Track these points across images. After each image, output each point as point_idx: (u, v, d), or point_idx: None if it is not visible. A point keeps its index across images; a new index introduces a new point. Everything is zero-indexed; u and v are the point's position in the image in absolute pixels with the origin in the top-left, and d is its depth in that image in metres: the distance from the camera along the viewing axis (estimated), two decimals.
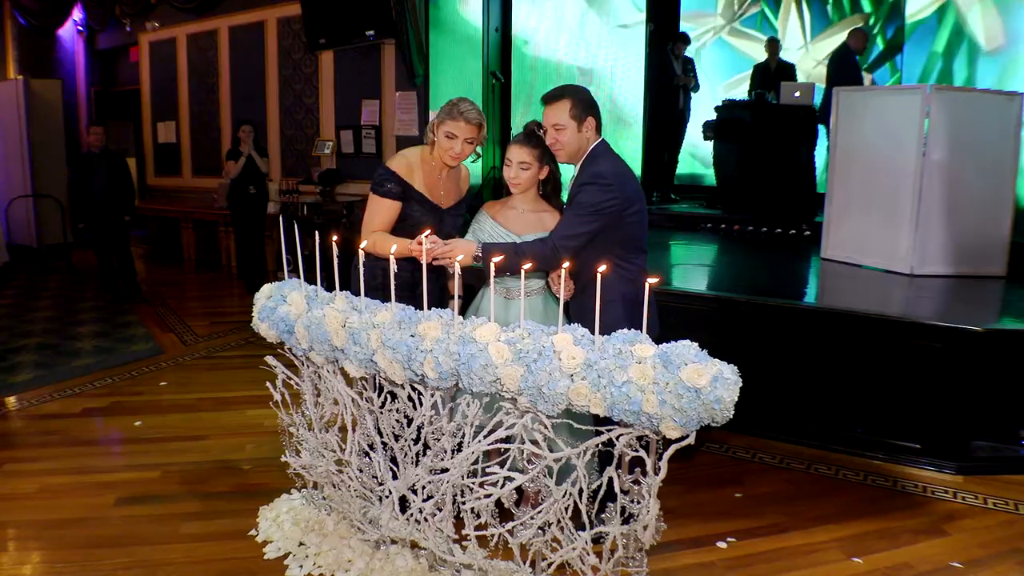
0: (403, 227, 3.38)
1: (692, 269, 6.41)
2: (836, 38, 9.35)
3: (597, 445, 2.50)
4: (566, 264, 2.91)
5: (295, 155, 9.70)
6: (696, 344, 2.36)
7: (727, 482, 4.08)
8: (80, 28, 12.29)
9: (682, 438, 2.33)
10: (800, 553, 3.40)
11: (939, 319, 4.38)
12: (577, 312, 3.24)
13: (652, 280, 2.42)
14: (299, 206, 8.76)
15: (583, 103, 3.21)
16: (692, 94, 9.74)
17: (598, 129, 3.27)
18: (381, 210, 3.36)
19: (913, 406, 4.32)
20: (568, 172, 3.42)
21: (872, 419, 4.43)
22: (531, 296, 3.46)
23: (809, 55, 10.01)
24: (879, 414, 4.41)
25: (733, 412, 2.29)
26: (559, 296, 3.17)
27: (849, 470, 4.25)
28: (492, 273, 2.67)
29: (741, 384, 2.30)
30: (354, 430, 3.10)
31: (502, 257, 2.90)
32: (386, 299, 2.91)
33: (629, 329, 2.47)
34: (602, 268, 2.43)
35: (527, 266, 2.68)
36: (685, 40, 9.56)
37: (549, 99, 3.24)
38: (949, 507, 3.87)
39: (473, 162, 3.61)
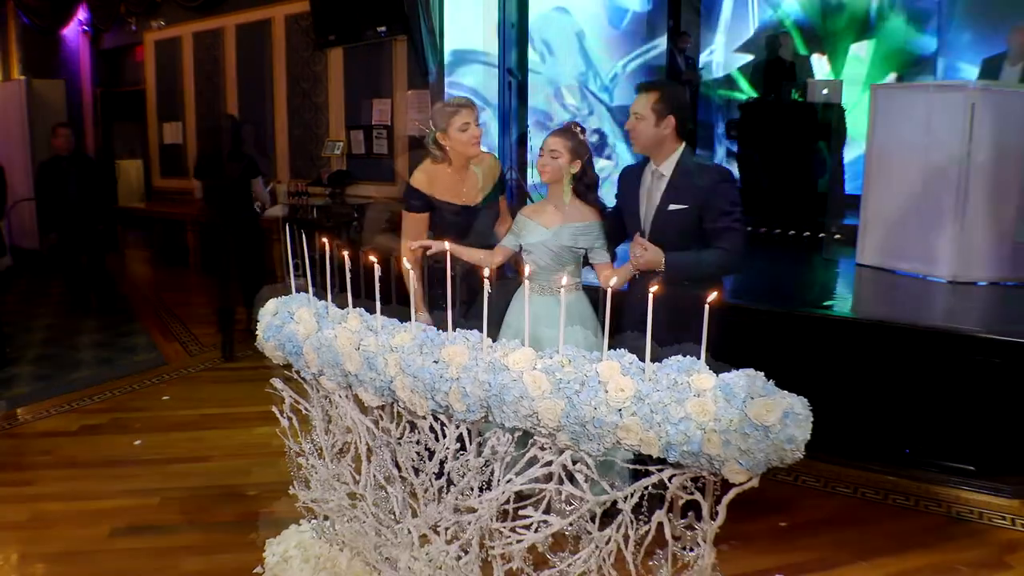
0: (438, 233, 3.58)
1: None
2: None
3: (646, 487, 2.21)
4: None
5: (304, 156, 9.44)
6: (762, 373, 2.07)
7: (771, 509, 3.79)
8: (85, 27, 12.07)
9: (745, 481, 2.05)
10: None
11: (995, 332, 4.10)
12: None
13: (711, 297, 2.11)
14: (308, 208, 8.51)
15: (669, 100, 3.21)
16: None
17: (678, 131, 3.25)
18: (412, 224, 3.64)
19: (965, 425, 4.05)
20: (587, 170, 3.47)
21: (921, 439, 4.16)
22: (569, 292, 3.38)
23: None
24: (928, 433, 4.15)
25: (804, 453, 2.01)
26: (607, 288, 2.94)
27: (898, 494, 3.96)
28: (526, 274, 2.53)
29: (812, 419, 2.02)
30: (369, 460, 2.82)
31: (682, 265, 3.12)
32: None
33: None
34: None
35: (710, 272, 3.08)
36: (687, 35, 9.30)
37: (642, 88, 3.30)
38: (1008, 536, 3.60)
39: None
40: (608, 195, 3.71)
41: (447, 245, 2.92)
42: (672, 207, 3.21)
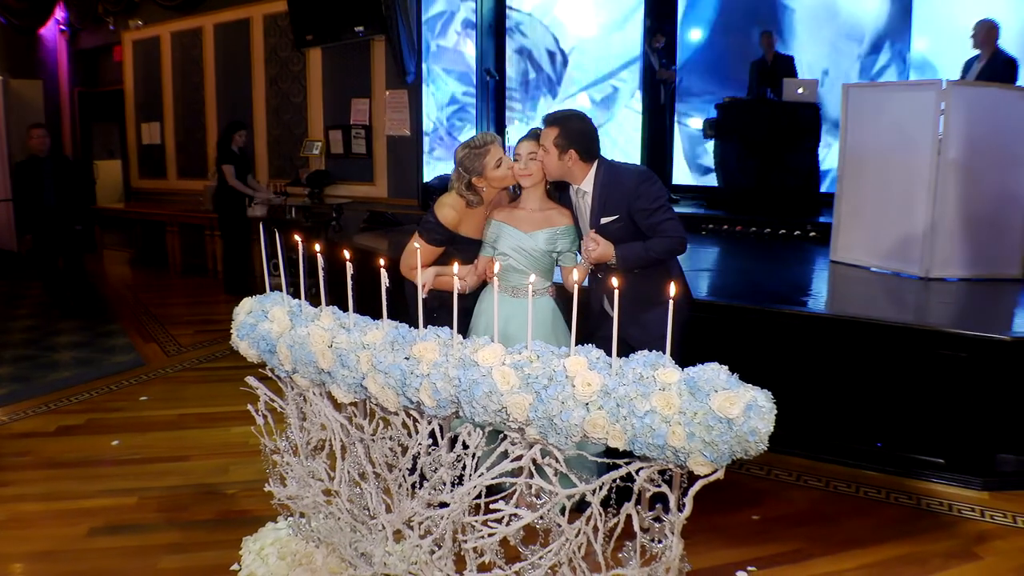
0: (446, 259, 3.47)
1: (694, 274, 6.16)
2: None
3: (614, 480, 2.25)
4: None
5: (283, 156, 9.42)
6: (726, 367, 2.12)
7: (743, 503, 3.83)
8: (63, 27, 11.97)
9: (710, 473, 2.09)
10: None
11: (963, 327, 4.14)
12: (629, 316, 3.12)
13: (672, 290, 2.16)
14: (287, 208, 8.49)
15: (568, 135, 3.25)
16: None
17: (583, 159, 3.30)
18: (425, 253, 3.44)
19: (935, 418, 4.10)
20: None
21: (892, 433, 4.20)
22: (538, 296, 3.41)
23: None
24: (899, 427, 4.18)
25: (768, 445, 2.05)
26: (571, 289, 3.00)
27: (870, 487, 4.01)
28: (495, 270, 2.50)
29: (776, 412, 2.06)
30: (343, 457, 2.84)
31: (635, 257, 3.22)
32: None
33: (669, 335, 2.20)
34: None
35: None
36: (662, 32, 9.30)
37: (545, 122, 3.33)
38: (978, 527, 3.65)
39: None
40: None
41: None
42: (604, 220, 3.28)
